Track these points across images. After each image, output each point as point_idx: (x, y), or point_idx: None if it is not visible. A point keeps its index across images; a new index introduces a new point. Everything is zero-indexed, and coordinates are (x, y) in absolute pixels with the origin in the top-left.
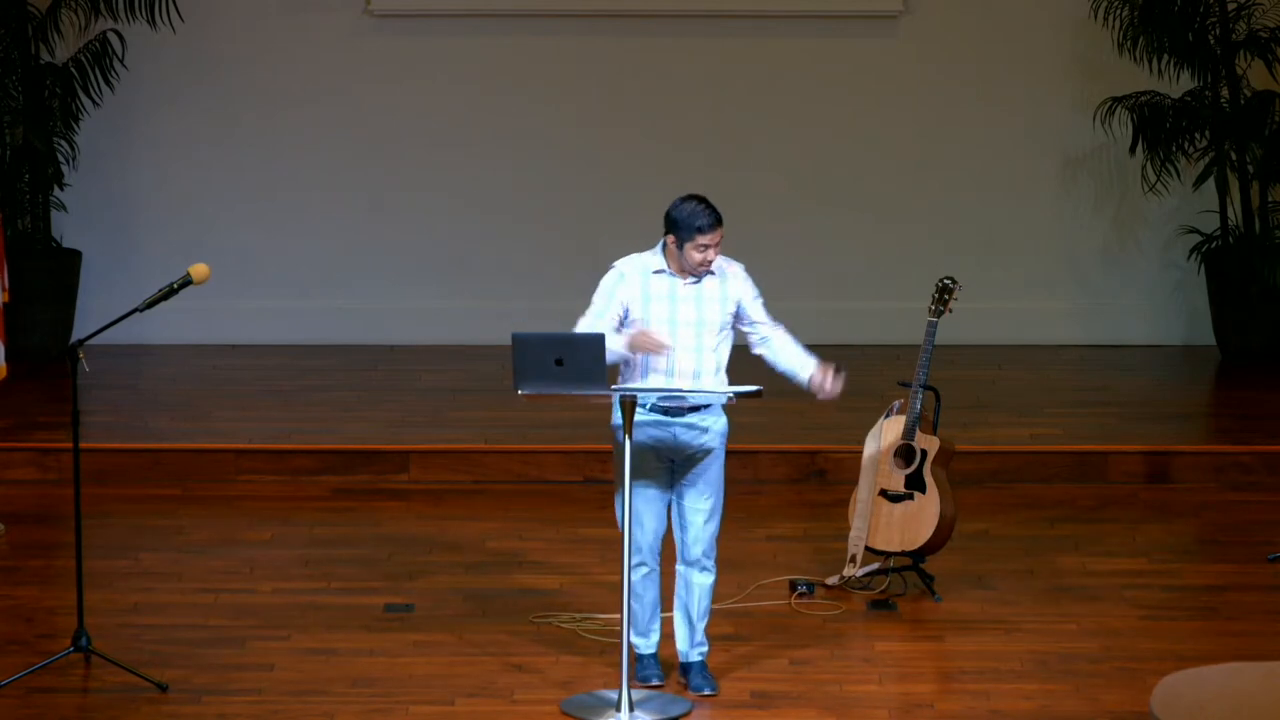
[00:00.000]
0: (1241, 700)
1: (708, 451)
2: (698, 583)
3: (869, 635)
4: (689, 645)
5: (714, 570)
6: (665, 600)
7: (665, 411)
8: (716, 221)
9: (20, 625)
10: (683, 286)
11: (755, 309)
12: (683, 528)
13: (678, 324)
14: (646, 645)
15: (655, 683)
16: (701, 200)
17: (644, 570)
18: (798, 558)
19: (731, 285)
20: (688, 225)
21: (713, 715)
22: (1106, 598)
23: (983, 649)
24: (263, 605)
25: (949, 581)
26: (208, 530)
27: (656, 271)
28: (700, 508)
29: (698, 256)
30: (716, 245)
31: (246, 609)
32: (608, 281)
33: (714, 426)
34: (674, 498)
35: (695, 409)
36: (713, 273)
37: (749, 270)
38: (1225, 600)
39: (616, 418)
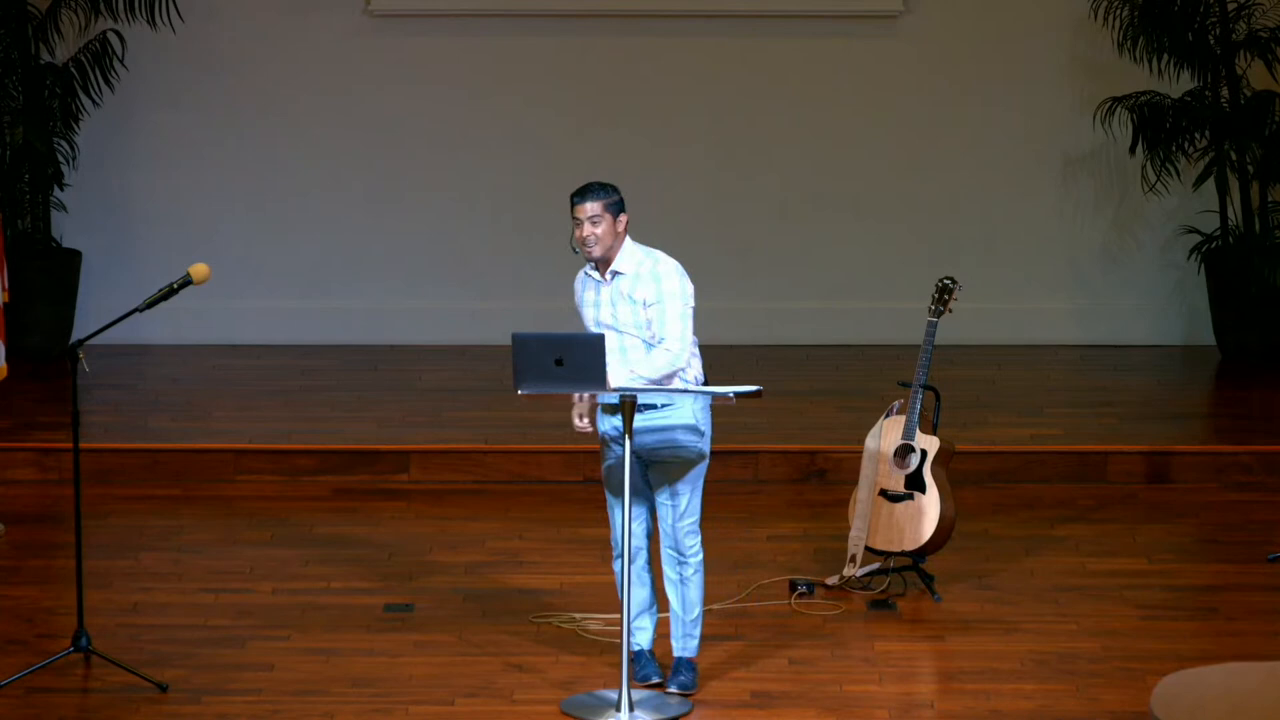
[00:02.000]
0: (1241, 700)
1: (670, 448)
2: (672, 575)
3: (869, 635)
4: (675, 639)
5: (691, 563)
6: (664, 599)
7: (613, 411)
8: (585, 194)
9: (20, 625)
10: (604, 288)
11: (653, 314)
12: (659, 523)
13: (601, 326)
14: (635, 641)
15: (655, 680)
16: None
17: (621, 564)
18: (798, 558)
19: (641, 285)
20: (570, 202)
21: (713, 715)
22: (1106, 598)
23: (983, 649)
24: (263, 605)
25: (949, 581)
26: (208, 530)
27: (587, 274)
28: (667, 503)
29: (576, 234)
30: (592, 220)
31: (246, 609)
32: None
33: (667, 423)
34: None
35: (648, 407)
36: (621, 273)
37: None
38: (1225, 600)
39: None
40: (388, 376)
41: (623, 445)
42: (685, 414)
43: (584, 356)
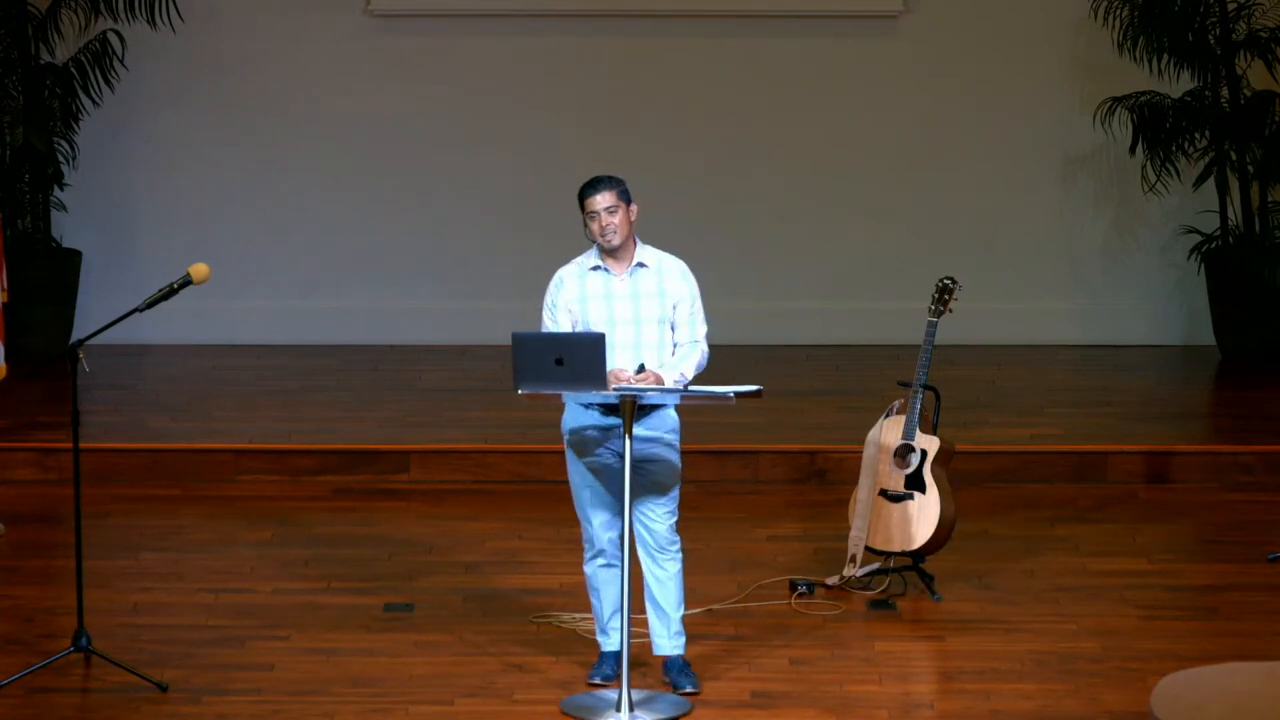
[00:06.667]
0: (1241, 700)
1: (665, 448)
2: (662, 574)
3: (869, 635)
4: (665, 638)
5: (678, 558)
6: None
7: (614, 411)
8: (598, 185)
9: (20, 625)
10: (618, 282)
11: (682, 316)
12: (641, 523)
13: (615, 323)
14: (608, 643)
15: (612, 679)
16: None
17: (600, 563)
18: (798, 558)
19: (669, 281)
20: (580, 198)
21: (713, 715)
22: (1106, 598)
23: (983, 649)
24: (263, 605)
25: (949, 581)
26: (208, 530)
27: (593, 268)
28: (661, 506)
29: (594, 226)
30: (609, 210)
31: (246, 609)
32: (549, 292)
33: (661, 426)
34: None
35: (644, 410)
36: (645, 265)
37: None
38: (1225, 600)
39: (565, 422)
40: (388, 376)
41: (611, 445)
42: (673, 416)
43: (584, 356)
